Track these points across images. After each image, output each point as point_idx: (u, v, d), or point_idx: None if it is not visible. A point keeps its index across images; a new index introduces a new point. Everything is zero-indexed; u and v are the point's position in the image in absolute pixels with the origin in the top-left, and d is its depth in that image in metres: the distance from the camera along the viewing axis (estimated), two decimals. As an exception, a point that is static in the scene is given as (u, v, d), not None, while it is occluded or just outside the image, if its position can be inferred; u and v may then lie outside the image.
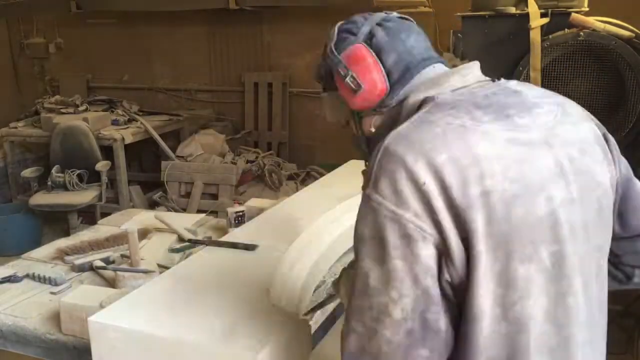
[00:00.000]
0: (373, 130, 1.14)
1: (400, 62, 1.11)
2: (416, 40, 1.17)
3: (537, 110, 0.99)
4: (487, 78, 1.12)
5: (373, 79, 1.09)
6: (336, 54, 1.15)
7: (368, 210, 0.92)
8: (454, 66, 1.11)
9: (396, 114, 1.06)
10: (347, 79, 1.10)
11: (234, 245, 1.81)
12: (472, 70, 1.09)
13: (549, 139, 0.96)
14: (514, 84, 1.08)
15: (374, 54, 1.11)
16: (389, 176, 0.89)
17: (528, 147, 0.93)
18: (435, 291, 0.88)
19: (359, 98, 1.11)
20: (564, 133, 0.99)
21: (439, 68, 1.12)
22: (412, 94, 1.06)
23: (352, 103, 1.13)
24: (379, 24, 1.18)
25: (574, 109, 1.09)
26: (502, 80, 1.11)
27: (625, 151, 3.30)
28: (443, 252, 0.88)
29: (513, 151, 0.91)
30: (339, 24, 1.23)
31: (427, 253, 0.87)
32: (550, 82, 3.06)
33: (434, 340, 0.88)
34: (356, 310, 0.92)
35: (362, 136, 1.18)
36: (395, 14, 1.24)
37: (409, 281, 0.87)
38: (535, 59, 3.00)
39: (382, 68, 1.10)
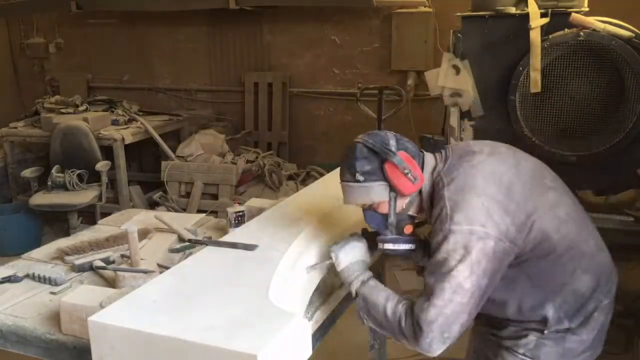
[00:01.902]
0: (404, 207, 1.65)
1: (420, 164, 1.64)
2: (417, 147, 1.69)
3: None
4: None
5: (420, 174, 1.61)
6: (397, 156, 1.59)
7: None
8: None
9: (421, 196, 1.67)
10: (409, 175, 1.58)
11: (234, 245, 1.81)
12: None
13: None
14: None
15: (411, 158, 1.61)
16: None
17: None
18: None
19: (413, 187, 1.60)
20: None
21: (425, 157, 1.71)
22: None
23: (407, 189, 1.60)
24: (399, 139, 1.65)
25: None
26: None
27: (626, 150, 3.31)
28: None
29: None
30: (365, 139, 1.65)
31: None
32: (550, 82, 3.06)
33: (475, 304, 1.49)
34: (438, 291, 1.46)
35: (389, 214, 1.64)
36: (397, 134, 1.69)
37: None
38: (535, 59, 3.00)
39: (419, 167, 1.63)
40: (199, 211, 4.57)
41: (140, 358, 1.34)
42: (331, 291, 1.81)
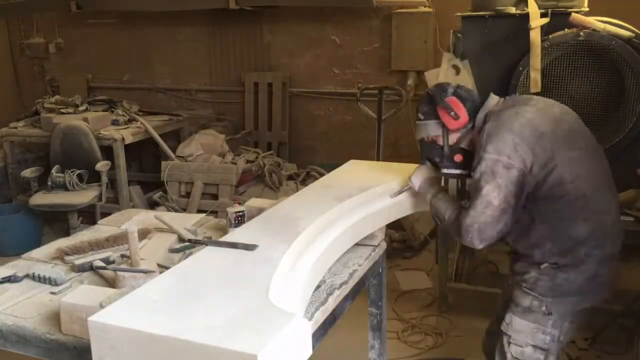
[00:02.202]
0: (455, 140, 2.10)
1: (473, 106, 2.08)
2: (474, 94, 2.15)
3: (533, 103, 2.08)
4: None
5: (464, 114, 2.06)
6: (445, 101, 2.05)
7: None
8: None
9: (473, 131, 2.08)
10: (452, 113, 2.04)
11: (234, 245, 1.81)
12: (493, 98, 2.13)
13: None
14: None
15: (460, 102, 2.06)
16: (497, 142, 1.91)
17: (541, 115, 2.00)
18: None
19: (457, 123, 2.06)
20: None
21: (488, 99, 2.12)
22: (477, 119, 2.08)
23: (452, 125, 2.06)
24: (457, 88, 2.10)
25: None
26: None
27: (626, 150, 3.31)
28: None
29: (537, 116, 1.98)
30: (432, 88, 2.14)
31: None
32: (550, 82, 3.07)
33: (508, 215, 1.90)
34: (473, 204, 1.90)
35: (442, 147, 2.11)
36: (461, 84, 2.16)
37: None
38: (535, 59, 3.00)
39: (465, 109, 2.07)
40: (199, 211, 4.57)
41: (141, 358, 1.34)
42: (331, 291, 1.81)
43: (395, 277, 4.12)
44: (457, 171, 2.12)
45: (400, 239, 4.57)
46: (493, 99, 2.09)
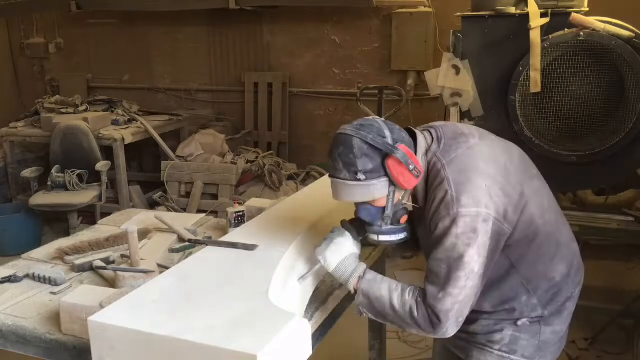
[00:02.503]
0: (400, 198, 1.60)
1: (414, 150, 1.57)
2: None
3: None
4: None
5: (421, 166, 1.54)
6: (400, 151, 1.50)
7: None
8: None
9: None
10: (412, 169, 1.51)
11: (233, 245, 1.81)
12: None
13: None
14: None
15: (409, 149, 1.54)
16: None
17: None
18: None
19: (417, 180, 1.54)
20: None
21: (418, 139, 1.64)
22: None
23: (411, 184, 1.54)
24: (392, 127, 1.57)
25: None
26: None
27: (625, 151, 3.30)
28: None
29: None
30: (362, 134, 1.52)
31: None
32: (550, 82, 3.06)
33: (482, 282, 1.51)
34: (453, 281, 1.46)
35: (387, 207, 1.57)
36: (383, 119, 1.61)
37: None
38: (535, 59, 3.00)
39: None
40: (199, 211, 4.57)
41: (140, 358, 1.34)
42: (331, 291, 1.81)
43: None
44: (402, 236, 1.63)
45: (400, 239, 4.57)
46: (421, 137, 1.62)
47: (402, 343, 3.36)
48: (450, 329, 1.48)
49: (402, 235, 1.63)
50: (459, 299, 1.46)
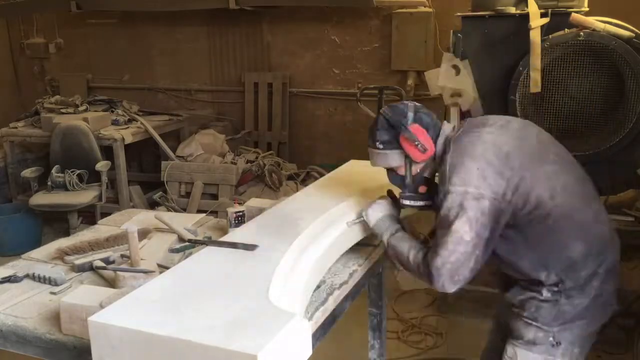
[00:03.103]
0: (419, 171, 1.91)
1: (435, 132, 1.87)
2: (434, 117, 1.91)
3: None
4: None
5: (430, 144, 1.84)
6: (409, 130, 1.82)
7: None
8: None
9: (435, 161, 1.89)
10: (417, 145, 1.81)
11: (234, 245, 1.81)
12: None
13: None
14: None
15: (423, 129, 1.84)
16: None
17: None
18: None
19: (423, 156, 1.84)
20: None
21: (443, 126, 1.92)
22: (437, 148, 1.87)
23: (418, 157, 1.85)
24: (417, 111, 1.88)
25: None
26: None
27: (625, 150, 3.30)
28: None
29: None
30: (386, 113, 1.89)
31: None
32: (550, 82, 3.06)
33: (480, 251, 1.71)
34: (442, 244, 1.70)
35: (405, 176, 1.90)
36: (417, 104, 1.93)
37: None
38: (536, 59, 3.00)
39: (429, 137, 1.85)
40: (199, 211, 4.57)
41: (141, 358, 1.34)
42: (331, 291, 1.81)
43: (395, 277, 4.12)
44: (421, 203, 1.94)
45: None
46: (447, 125, 1.92)
47: (402, 343, 3.36)
48: (446, 284, 1.72)
49: (420, 202, 1.94)
50: (449, 259, 1.69)
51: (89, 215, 4.71)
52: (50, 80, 6.68)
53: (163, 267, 1.90)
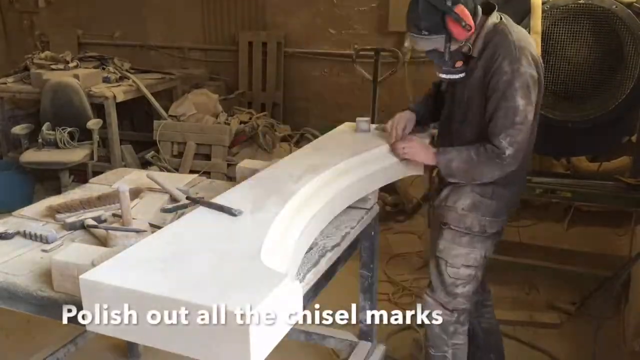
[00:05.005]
0: (458, 47, 2.07)
1: (472, 10, 2.03)
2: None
3: None
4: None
5: (473, 24, 2.02)
6: (455, 11, 1.97)
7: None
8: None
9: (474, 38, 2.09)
10: (464, 25, 1.98)
11: (220, 209, 1.78)
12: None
13: None
14: None
15: (466, 9, 1.99)
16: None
17: None
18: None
19: (467, 34, 2.02)
20: None
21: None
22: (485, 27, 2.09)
23: (461, 36, 2.02)
24: None
25: None
26: None
27: (622, 117, 3.27)
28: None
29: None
30: None
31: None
32: (549, 46, 3.03)
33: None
34: (509, 124, 1.99)
35: (445, 53, 2.06)
36: None
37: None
38: (536, 22, 2.96)
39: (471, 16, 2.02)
40: (192, 171, 4.55)
41: (132, 316, 1.34)
42: (323, 253, 1.82)
43: (387, 240, 4.15)
44: (457, 76, 2.13)
45: (393, 203, 4.58)
46: (496, 13, 2.12)
47: (392, 305, 3.40)
48: (512, 164, 2.00)
49: (456, 76, 2.13)
50: (516, 137, 1.96)
51: (81, 174, 4.68)
52: (40, 35, 6.53)
53: (155, 227, 1.90)
